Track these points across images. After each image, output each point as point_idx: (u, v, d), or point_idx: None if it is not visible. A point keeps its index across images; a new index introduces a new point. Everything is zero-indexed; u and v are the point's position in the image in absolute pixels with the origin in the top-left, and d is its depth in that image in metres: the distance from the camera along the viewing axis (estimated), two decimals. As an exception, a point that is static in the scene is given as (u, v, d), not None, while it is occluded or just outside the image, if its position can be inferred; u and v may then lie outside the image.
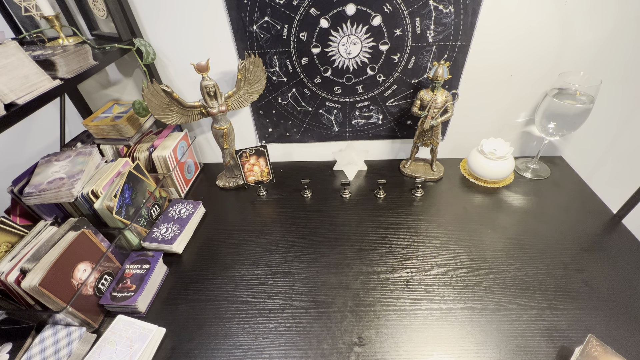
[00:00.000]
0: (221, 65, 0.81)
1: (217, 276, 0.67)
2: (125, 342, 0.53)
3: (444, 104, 0.77)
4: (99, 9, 0.71)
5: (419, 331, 0.56)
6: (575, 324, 0.55)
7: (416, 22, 0.73)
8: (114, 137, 0.81)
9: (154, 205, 0.76)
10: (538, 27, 0.72)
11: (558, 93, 0.77)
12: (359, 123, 0.91)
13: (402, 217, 0.78)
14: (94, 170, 0.70)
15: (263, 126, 0.94)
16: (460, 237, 0.72)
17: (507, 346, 0.53)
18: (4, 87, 0.48)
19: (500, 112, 0.87)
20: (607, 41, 0.73)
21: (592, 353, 0.48)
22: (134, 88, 0.90)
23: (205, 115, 0.79)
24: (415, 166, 0.92)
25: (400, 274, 0.65)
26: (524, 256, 0.67)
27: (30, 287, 0.50)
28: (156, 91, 0.71)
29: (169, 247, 0.70)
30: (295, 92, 0.86)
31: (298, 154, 0.99)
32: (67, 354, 0.52)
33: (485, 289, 0.61)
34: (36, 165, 0.69)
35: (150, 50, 0.77)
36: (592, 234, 0.71)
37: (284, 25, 0.74)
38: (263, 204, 0.85)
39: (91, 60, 0.64)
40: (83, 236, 0.58)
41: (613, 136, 0.89)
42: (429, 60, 0.78)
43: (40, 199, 0.63)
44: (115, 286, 0.61)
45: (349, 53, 0.78)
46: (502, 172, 0.82)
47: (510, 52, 0.76)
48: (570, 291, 0.60)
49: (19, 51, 0.50)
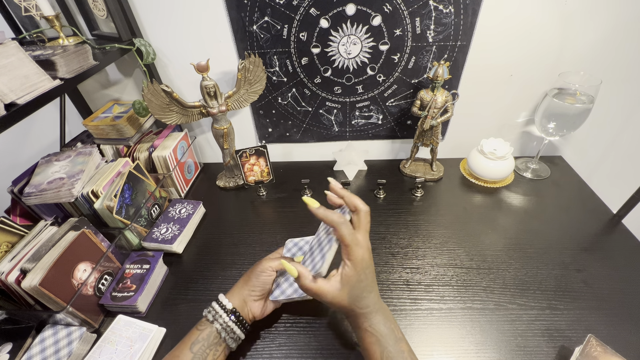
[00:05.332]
0: (221, 65, 0.81)
1: (217, 276, 0.67)
2: (125, 342, 0.53)
3: (444, 104, 0.77)
4: (99, 9, 0.71)
5: (419, 331, 0.56)
6: (575, 324, 0.55)
7: (416, 22, 0.73)
8: (114, 137, 0.81)
9: (154, 205, 0.76)
10: (538, 27, 0.72)
11: (558, 93, 0.77)
12: (359, 123, 0.91)
13: (402, 217, 0.78)
14: (94, 170, 0.71)
15: (263, 126, 0.94)
16: (460, 237, 0.72)
17: (507, 346, 0.53)
18: (4, 87, 0.48)
19: (500, 112, 0.87)
20: (608, 41, 0.73)
21: (592, 353, 0.48)
22: (134, 88, 0.90)
23: (205, 115, 0.79)
24: (415, 166, 0.92)
25: (400, 274, 0.65)
26: (524, 256, 0.67)
27: (30, 287, 0.50)
28: (156, 91, 0.71)
29: (169, 247, 0.70)
30: (295, 92, 0.86)
31: (298, 154, 0.99)
32: (67, 354, 0.52)
33: (485, 289, 0.61)
34: (36, 165, 0.69)
35: (150, 50, 0.77)
36: (592, 234, 0.71)
37: (284, 25, 0.74)
38: (263, 204, 0.85)
39: (91, 60, 0.64)
40: (83, 236, 0.58)
41: (613, 136, 0.89)
42: (429, 60, 0.78)
43: (40, 199, 0.63)
44: (116, 286, 0.61)
45: (349, 53, 0.78)
46: (502, 172, 0.82)
47: (510, 52, 0.76)
48: (570, 291, 0.60)
49: (19, 51, 0.50)
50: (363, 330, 0.43)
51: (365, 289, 0.43)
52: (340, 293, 0.42)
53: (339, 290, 0.43)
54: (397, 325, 0.45)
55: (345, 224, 0.42)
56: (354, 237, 0.42)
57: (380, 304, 0.45)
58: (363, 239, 0.43)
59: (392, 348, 0.42)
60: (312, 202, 0.45)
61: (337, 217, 0.42)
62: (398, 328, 0.44)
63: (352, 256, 0.42)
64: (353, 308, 0.43)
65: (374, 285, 0.44)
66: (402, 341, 0.43)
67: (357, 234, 0.42)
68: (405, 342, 0.43)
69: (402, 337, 0.44)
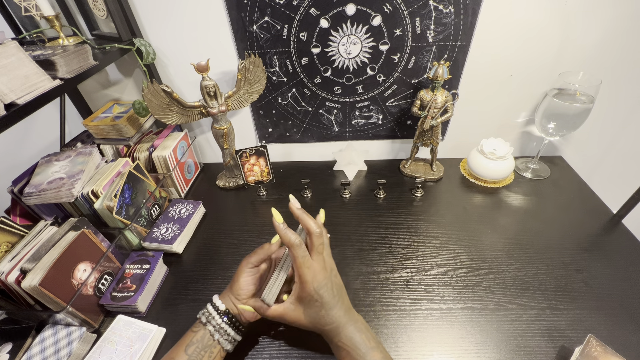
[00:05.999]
0: (221, 65, 0.81)
1: (217, 276, 0.67)
2: (125, 342, 0.53)
3: (444, 104, 0.77)
4: (99, 9, 0.71)
5: (419, 331, 0.56)
6: (575, 324, 0.55)
7: (416, 22, 0.73)
8: (114, 137, 0.81)
9: (154, 205, 0.76)
10: (538, 27, 0.72)
11: (558, 93, 0.77)
12: (359, 123, 0.91)
13: (402, 217, 0.78)
14: (94, 170, 0.71)
15: (263, 126, 0.94)
16: (460, 237, 0.72)
17: (507, 346, 0.53)
18: (4, 87, 0.48)
19: (500, 112, 0.87)
20: (608, 41, 0.73)
21: (592, 353, 0.48)
22: (134, 88, 0.90)
23: (205, 115, 0.79)
24: (415, 166, 0.92)
25: (400, 274, 0.65)
26: (524, 256, 0.67)
27: (30, 287, 0.50)
28: (156, 91, 0.71)
29: (169, 247, 0.70)
30: (295, 92, 0.86)
31: (298, 154, 0.99)
32: (67, 354, 0.52)
33: (485, 289, 0.61)
34: (36, 165, 0.69)
35: (150, 50, 0.77)
36: (592, 234, 0.71)
37: (284, 25, 0.74)
38: (263, 204, 0.85)
39: (91, 60, 0.64)
40: (83, 236, 0.58)
41: (613, 136, 0.89)
42: (429, 60, 0.78)
43: (40, 199, 0.63)
44: (116, 286, 0.61)
45: (349, 53, 0.78)
46: (502, 172, 0.82)
47: (510, 52, 0.76)
48: (570, 291, 0.60)
49: (19, 51, 0.50)
50: (334, 345, 0.45)
51: (323, 307, 0.44)
52: (295, 313, 0.45)
53: (294, 311, 0.45)
54: (371, 335, 0.45)
55: (299, 247, 0.43)
56: (305, 259, 0.43)
57: (348, 316, 0.45)
58: (316, 262, 0.44)
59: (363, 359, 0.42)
60: (277, 217, 0.46)
61: (293, 239, 0.43)
62: (372, 337, 0.45)
63: (302, 278, 0.43)
64: (316, 325, 0.45)
65: (335, 302, 0.45)
66: (375, 350, 0.43)
67: (309, 257, 0.43)
68: (378, 350, 0.43)
69: (375, 346, 0.43)
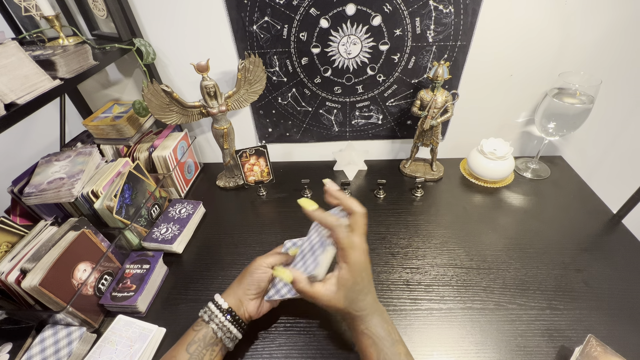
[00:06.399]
0: (221, 65, 0.81)
1: (217, 276, 0.67)
2: (125, 342, 0.53)
3: (444, 104, 0.77)
4: (99, 9, 0.71)
5: (419, 331, 0.56)
6: (575, 324, 0.55)
7: (416, 22, 0.73)
8: (114, 137, 0.81)
9: (154, 205, 0.76)
10: (538, 27, 0.72)
11: (558, 93, 0.77)
12: (359, 123, 0.91)
13: (402, 217, 0.78)
14: (94, 170, 0.71)
15: (263, 126, 0.94)
16: (460, 237, 0.72)
17: (507, 346, 0.53)
18: (4, 87, 0.48)
19: (500, 112, 0.87)
20: (608, 41, 0.73)
21: (592, 353, 0.48)
22: (134, 88, 0.90)
23: (205, 115, 0.79)
24: (415, 166, 0.92)
25: (400, 274, 0.65)
26: (524, 256, 0.67)
27: (30, 287, 0.50)
28: (156, 91, 0.71)
29: (169, 247, 0.70)
30: (295, 92, 0.86)
31: (298, 154, 0.99)
32: (67, 354, 0.52)
33: (485, 289, 0.61)
34: (36, 165, 0.69)
35: (150, 50, 0.77)
36: (592, 234, 0.71)
37: (284, 25, 0.74)
38: (263, 204, 0.85)
39: (91, 60, 0.64)
40: (83, 236, 0.58)
41: (613, 136, 0.89)
42: (429, 60, 0.78)
43: (40, 199, 0.63)
44: (116, 286, 0.61)
45: (349, 53, 0.78)
46: (502, 172, 0.82)
47: (510, 52, 0.76)
48: (570, 291, 0.60)
49: (19, 51, 0.50)
50: (360, 333, 0.43)
51: (362, 291, 0.43)
52: (336, 296, 0.43)
53: (335, 293, 0.43)
54: (394, 328, 0.44)
55: (341, 227, 0.42)
56: (350, 240, 0.42)
57: (377, 306, 0.45)
58: (359, 242, 0.42)
59: (388, 350, 0.41)
60: (308, 204, 0.44)
61: (333, 220, 0.42)
62: (395, 330, 0.44)
63: (348, 259, 0.42)
64: (349, 311, 0.43)
65: (370, 287, 0.44)
66: (399, 343, 0.43)
67: (353, 237, 0.42)
68: (402, 344, 0.43)
69: (399, 340, 0.43)
